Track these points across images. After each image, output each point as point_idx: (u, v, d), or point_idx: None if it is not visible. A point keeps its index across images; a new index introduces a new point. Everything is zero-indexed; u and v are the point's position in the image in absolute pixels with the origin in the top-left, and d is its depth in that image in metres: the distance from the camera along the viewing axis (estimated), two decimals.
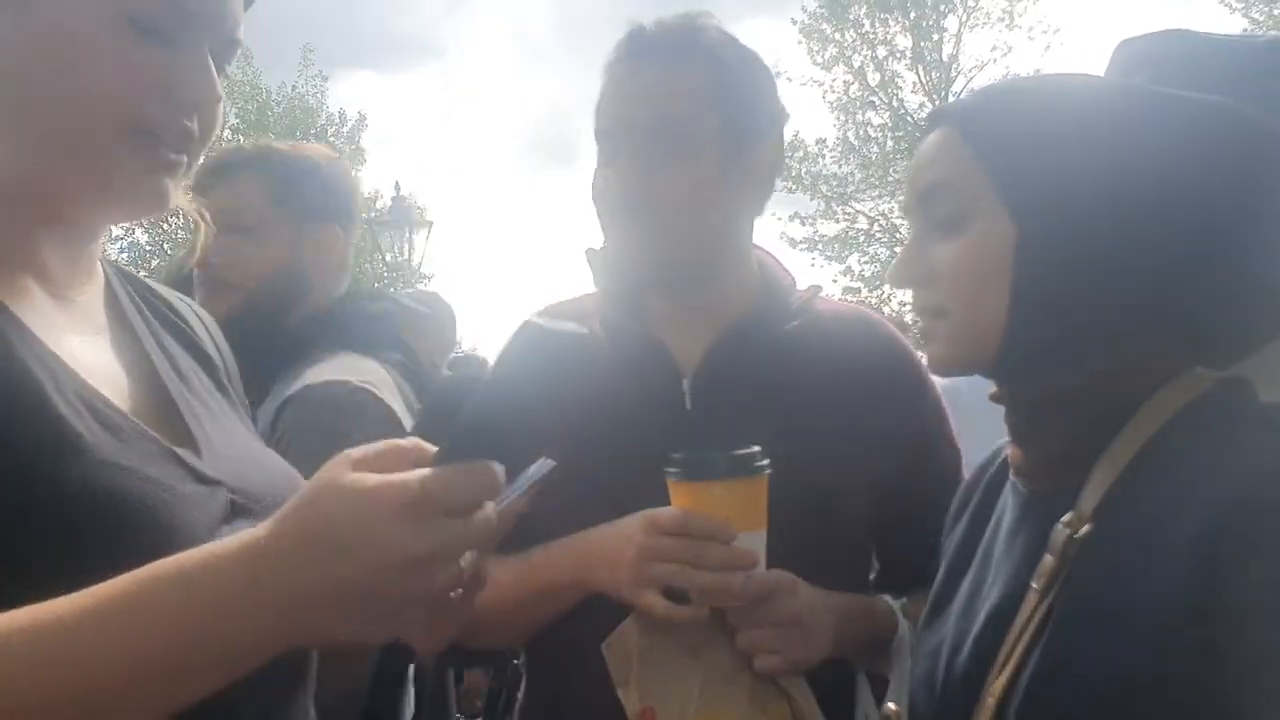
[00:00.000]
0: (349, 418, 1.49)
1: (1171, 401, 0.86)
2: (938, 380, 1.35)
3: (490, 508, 0.70)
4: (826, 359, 1.30)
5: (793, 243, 20.93)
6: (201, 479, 0.84)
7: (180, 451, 0.84)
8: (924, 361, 1.18)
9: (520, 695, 1.43)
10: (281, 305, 1.70)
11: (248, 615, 0.67)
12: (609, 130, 1.30)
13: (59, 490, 0.73)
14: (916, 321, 1.04)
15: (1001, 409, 0.97)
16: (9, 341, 0.77)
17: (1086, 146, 0.87)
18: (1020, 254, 0.88)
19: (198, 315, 1.06)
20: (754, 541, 1.11)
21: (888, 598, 1.31)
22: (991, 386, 0.97)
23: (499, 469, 0.70)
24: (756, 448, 1.11)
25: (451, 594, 0.75)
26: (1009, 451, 0.99)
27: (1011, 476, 0.98)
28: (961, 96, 1.01)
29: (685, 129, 1.25)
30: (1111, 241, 0.86)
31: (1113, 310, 0.87)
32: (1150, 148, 0.86)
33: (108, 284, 0.94)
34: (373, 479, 0.67)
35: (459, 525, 0.68)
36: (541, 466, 0.96)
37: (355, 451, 0.70)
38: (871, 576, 1.40)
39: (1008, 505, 0.98)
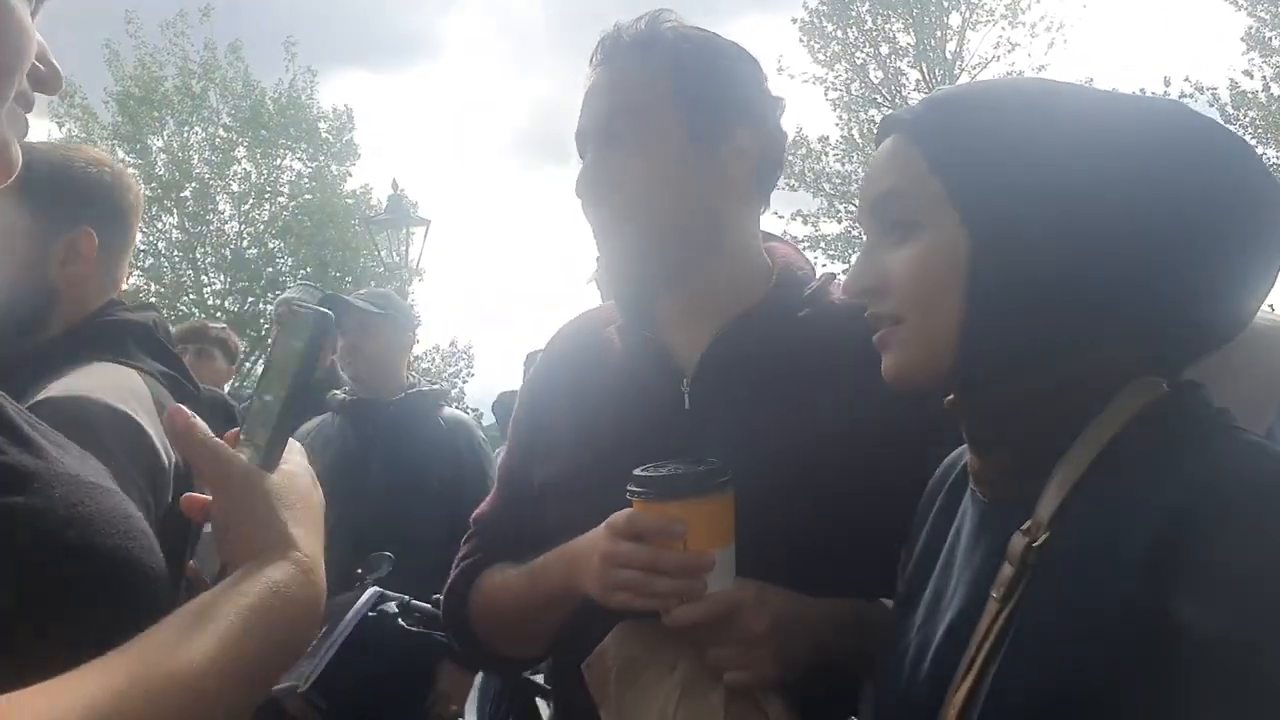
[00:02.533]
0: (88, 433, 1.25)
1: (1127, 407, 0.85)
2: None
3: None
4: (833, 349, 1.25)
5: (795, 241, 20.91)
6: None
7: None
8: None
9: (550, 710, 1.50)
10: (28, 318, 1.56)
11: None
12: (581, 131, 1.33)
13: (48, 507, 0.69)
14: None
15: None
16: None
17: (1039, 151, 0.86)
18: (973, 260, 0.87)
19: None
20: (720, 558, 1.11)
21: (889, 602, 1.25)
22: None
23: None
24: (718, 464, 1.11)
25: None
26: (968, 459, 0.98)
27: (970, 485, 0.97)
28: (913, 104, 0.98)
29: (643, 116, 1.27)
30: (1067, 247, 0.85)
31: (1069, 316, 0.86)
32: (1105, 151, 0.85)
33: None
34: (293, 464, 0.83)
35: None
36: (370, 597, 1.00)
37: (226, 456, 0.80)
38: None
39: (967, 514, 0.97)
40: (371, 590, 1.02)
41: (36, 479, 0.68)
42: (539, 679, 2.37)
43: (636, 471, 1.13)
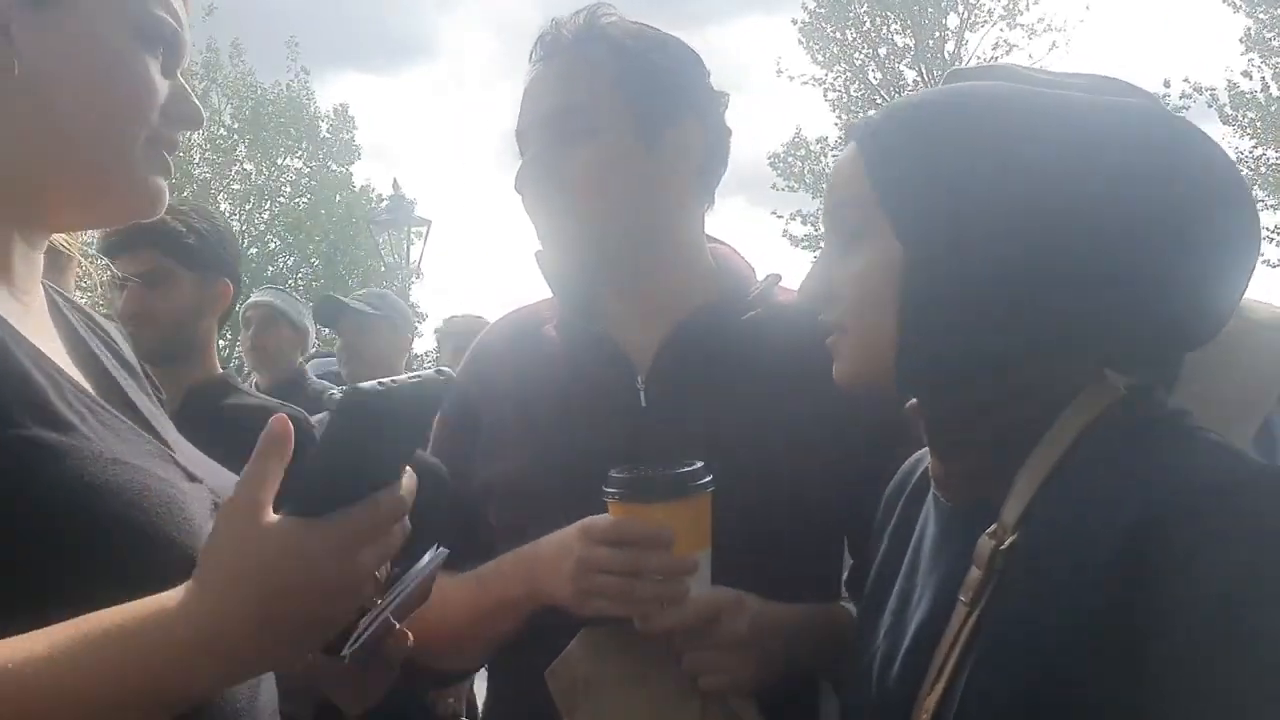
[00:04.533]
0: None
1: (1087, 410, 0.85)
2: None
3: (397, 527, 0.77)
4: (785, 348, 1.24)
5: (794, 241, 20.93)
6: (190, 476, 0.87)
7: (167, 450, 0.87)
8: None
9: (482, 711, 1.42)
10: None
11: (197, 672, 0.70)
12: (522, 129, 1.30)
13: (80, 486, 0.75)
14: None
15: None
16: (2, 342, 0.78)
17: (982, 162, 0.85)
18: (905, 274, 0.87)
19: (114, 328, 1.07)
20: (700, 561, 1.09)
21: (851, 606, 1.26)
22: None
23: (398, 496, 0.77)
24: (699, 464, 1.09)
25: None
26: (930, 464, 0.98)
27: (933, 489, 0.97)
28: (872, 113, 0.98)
29: (587, 112, 1.24)
30: (1008, 259, 0.84)
31: (1013, 326, 0.85)
32: (1058, 160, 0.84)
33: (48, 296, 0.95)
34: (298, 523, 0.72)
35: (371, 552, 0.75)
36: (435, 557, 0.96)
37: (257, 490, 0.73)
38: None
39: (930, 518, 0.97)
40: (438, 552, 0.96)
41: (51, 451, 0.75)
42: None
43: (613, 473, 1.10)
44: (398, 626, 0.97)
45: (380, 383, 0.70)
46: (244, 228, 20.53)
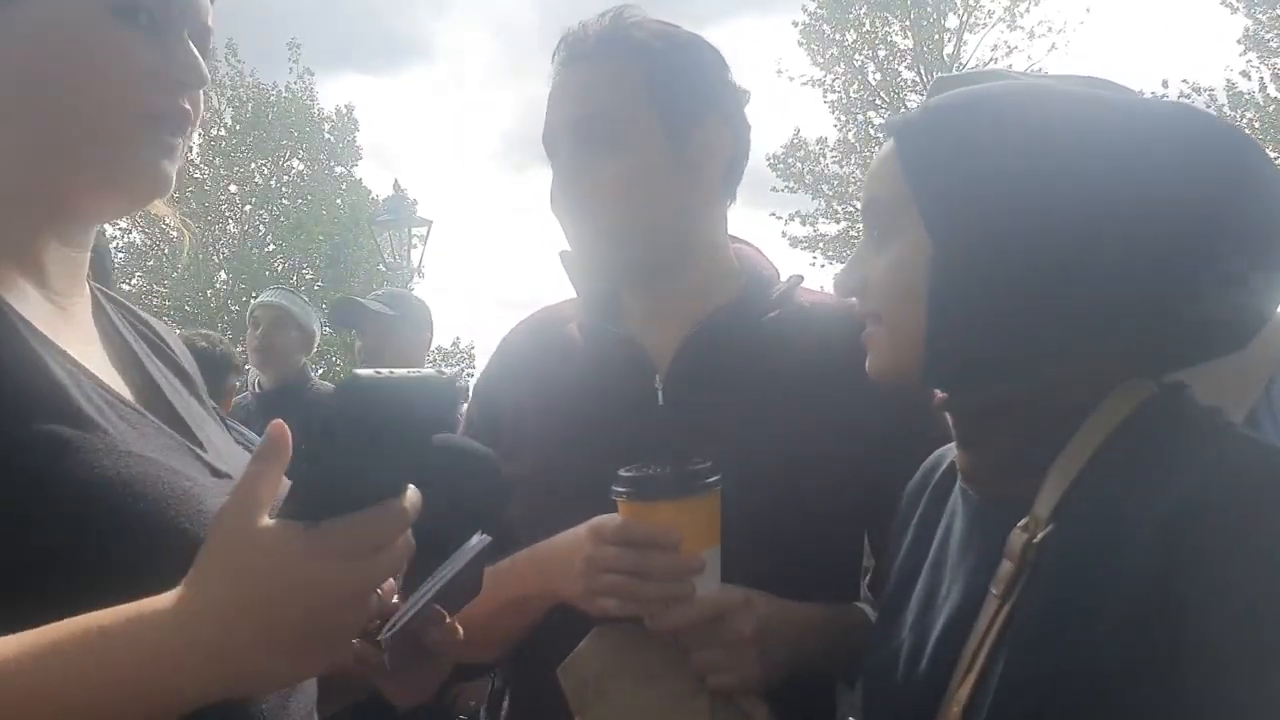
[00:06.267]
0: None
1: (1120, 407, 0.86)
2: None
3: (400, 542, 0.73)
4: (805, 349, 1.27)
5: (794, 242, 20.92)
6: (215, 472, 0.87)
7: (192, 446, 0.88)
8: None
9: (505, 708, 1.43)
10: None
11: (180, 675, 0.67)
12: (549, 136, 1.31)
13: (92, 478, 0.76)
14: None
15: None
16: (24, 341, 0.79)
17: (1013, 161, 0.86)
18: (934, 270, 0.88)
19: (171, 334, 1.08)
20: (707, 559, 1.10)
21: (866, 606, 1.27)
22: None
23: (405, 505, 0.73)
24: (706, 463, 1.10)
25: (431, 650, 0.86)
26: (957, 457, 0.99)
27: (960, 483, 0.98)
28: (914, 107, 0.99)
29: (616, 121, 1.25)
30: (1036, 259, 0.85)
31: (1043, 325, 0.86)
32: (1090, 161, 0.85)
33: (94, 298, 0.96)
34: (291, 526, 0.68)
35: (373, 564, 0.71)
36: (480, 542, 0.96)
37: (250, 494, 0.70)
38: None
39: (957, 512, 0.98)
40: (482, 537, 0.94)
41: (66, 445, 0.76)
42: None
43: (622, 472, 1.10)
44: (447, 619, 0.96)
45: (377, 371, 0.67)
46: (244, 229, 20.53)
